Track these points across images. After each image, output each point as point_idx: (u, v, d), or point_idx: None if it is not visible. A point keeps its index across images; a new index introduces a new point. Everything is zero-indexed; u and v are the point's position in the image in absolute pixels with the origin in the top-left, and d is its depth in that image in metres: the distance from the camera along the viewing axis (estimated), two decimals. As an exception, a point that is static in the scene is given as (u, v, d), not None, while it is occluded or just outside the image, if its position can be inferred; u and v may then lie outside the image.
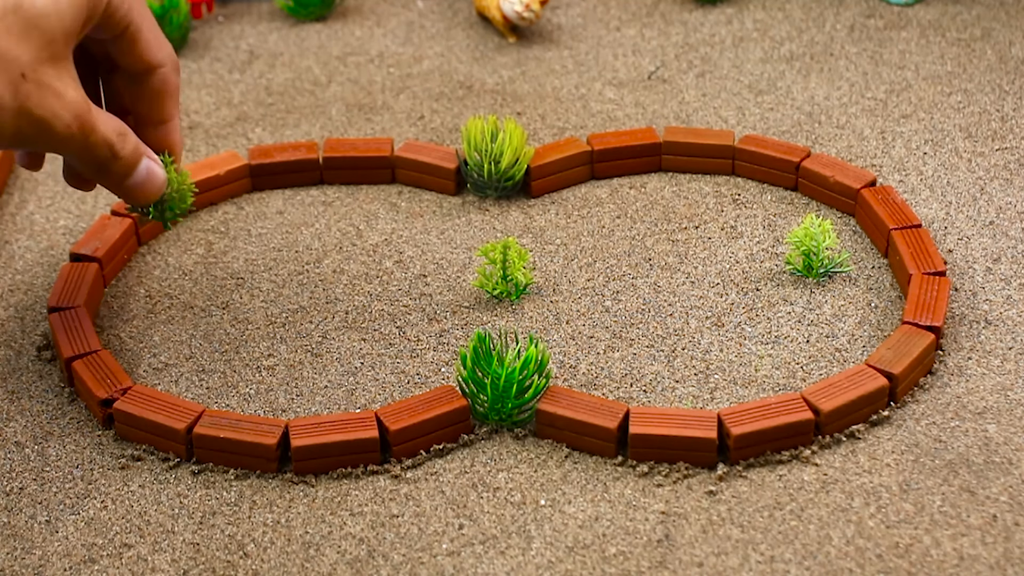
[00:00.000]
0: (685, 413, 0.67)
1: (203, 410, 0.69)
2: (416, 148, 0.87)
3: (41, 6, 0.62)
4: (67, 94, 0.63)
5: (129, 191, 0.69)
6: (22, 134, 0.63)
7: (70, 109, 0.63)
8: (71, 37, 0.64)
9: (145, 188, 0.69)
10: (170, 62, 0.70)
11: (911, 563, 0.61)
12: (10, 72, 0.61)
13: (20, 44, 0.61)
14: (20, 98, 0.62)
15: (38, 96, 0.62)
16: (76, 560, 0.63)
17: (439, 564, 0.62)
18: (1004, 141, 0.88)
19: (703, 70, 0.98)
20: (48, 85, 0.62)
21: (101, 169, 0.67)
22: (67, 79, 0.64)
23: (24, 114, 0.62)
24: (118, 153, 0.67)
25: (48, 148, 0.65)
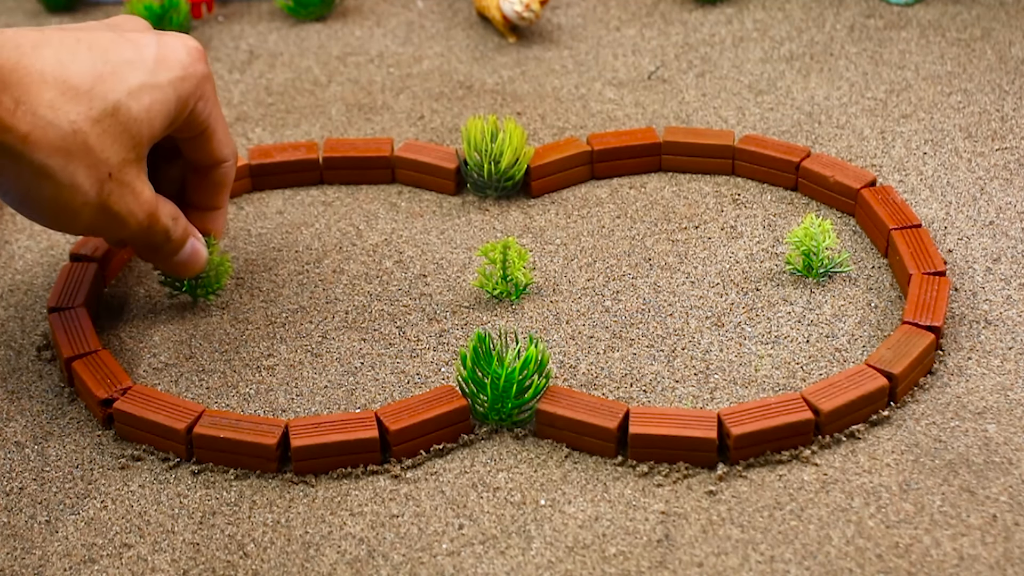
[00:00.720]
0: (685, 413, 0.67)
1: (203, 410, 0.69)
2: (416, 148, 0.87)
3: (136, 112, 0.66)
4: (143, 193, 0.68)
5: (174, 267, 0.74)
6: (96, 226, 0.68)
7: (144, 208, 0.69)
8: (155, 140, 0.68)
9: (188, 266, 0.74)
10: (233, 157, 0.75)
11: (911, 563, 0.61)
12: (99, 171, 0.65)
13: (112, 147, 0.65)
14: (103, 196, 0.66)
15: (119, 194, 0.67)
16: (76, 560, 0.63)
17: (439, 564, 0.62)
18: (1004, 141, 0.88)
19: (703, 70, 0.98)
20: (129, 184, 0.67)
21: (153, 249, 0.72)
22: (144, 177, 0.68)
23: (103, 209, 0.67)
24: (171, 236, 0.72)
25: (114, 235, 0.70)
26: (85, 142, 0.64)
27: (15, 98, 0.62)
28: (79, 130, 0.64)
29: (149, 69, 0.67)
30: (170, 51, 0.69)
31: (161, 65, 0.68)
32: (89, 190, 0.65)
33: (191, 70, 0.69)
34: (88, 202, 0.66)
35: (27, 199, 0.66)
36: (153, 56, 0.68)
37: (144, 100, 0.67)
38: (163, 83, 0.68)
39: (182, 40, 0.70)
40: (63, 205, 0.66)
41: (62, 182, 0.65)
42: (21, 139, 0.63)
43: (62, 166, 0.64)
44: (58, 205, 0.66)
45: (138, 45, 0.68)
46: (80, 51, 0.65)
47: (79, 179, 0.65)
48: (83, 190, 0.65)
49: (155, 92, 0.67)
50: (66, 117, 0.64)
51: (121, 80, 0.66)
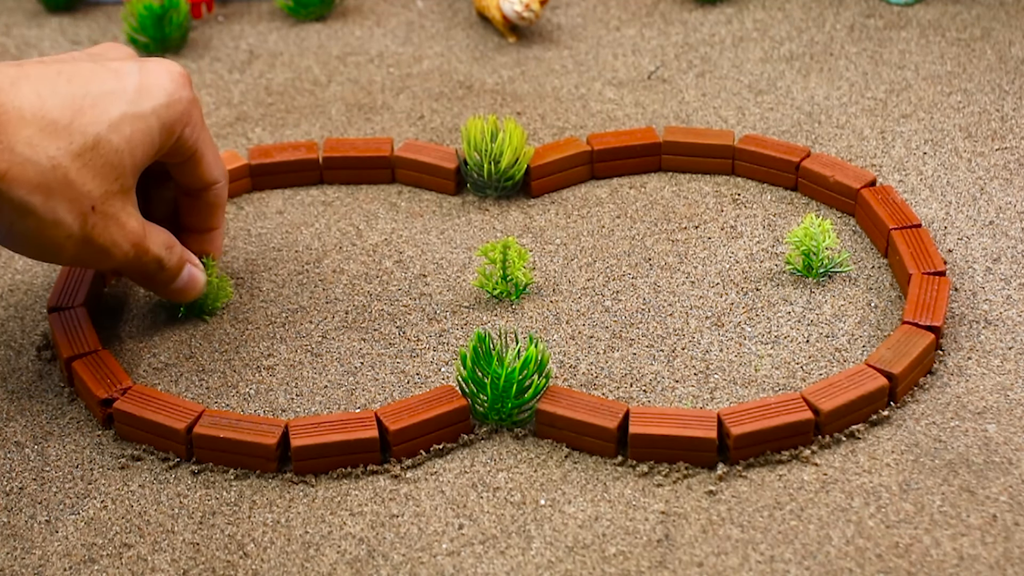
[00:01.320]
0: (685, 413, 0.67)
1: (203, 410, 0.69)
2: (416, 148, 0.87)
3: (117, 144, 0.66)
4: (129, 224, 0.68)
5: (171, 294, 0.74)
6: (81, 258, 0.68)
7: (129, 238, 0.68)
8: (139, 169, 0.68)
9: (187, 292, 0.74)
10: (224, 178, 0.74)
11: (911, 563, 0.61)
12: (82, 205, 0.65)
13: (93, 180, 0.65)
14: (87, 228, 0.66)
15: (103, 226, 0.66)
16: (76, 560, 0.63)
17: (439, 564, 0.62)
18: (1004, 141, 0.88)
19: (703, 70, 0.98)
20: (113, 216, 0.67)
21: (148, 279, 0.72)
22: (130, 208, 0.68)
23: (88, 242, 0.66)
24: (165, 265, 0.71)
25: (102, 267, 0.71)
26: (65, 177, 0.64)
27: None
28: (59, 165, 0.64)
29: (131, 99, 0.67)
30: (153, 79, 0.68)
31: (143, 94, 0.67)
32: (72, 224, 0.65)
33: (175, 96, 0.68)
34: (72, 235, 0.65)
35: (10, 234, 0.66)
36: (135, 85, 0.67)
37: (126, 131, 0.66)
38: (146, 112, 0.67)
39: (165, 66, 0.69)
40: (46, 240, 0.65)
41: (44, 218, 0.64)
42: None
43: (42, 202, 0.64)
44: (41, 240, 0.65)
45: (119, 74, 0.67)
46: (60, 84, 0.65)
47: (61, 214, 0.64)
48: (66, 224, 0.65)
49: (137, 122, 0.67)
50: (45, 153, 0.63)
51: (102, 112, 0.65)
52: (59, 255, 0.67)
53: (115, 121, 0.66)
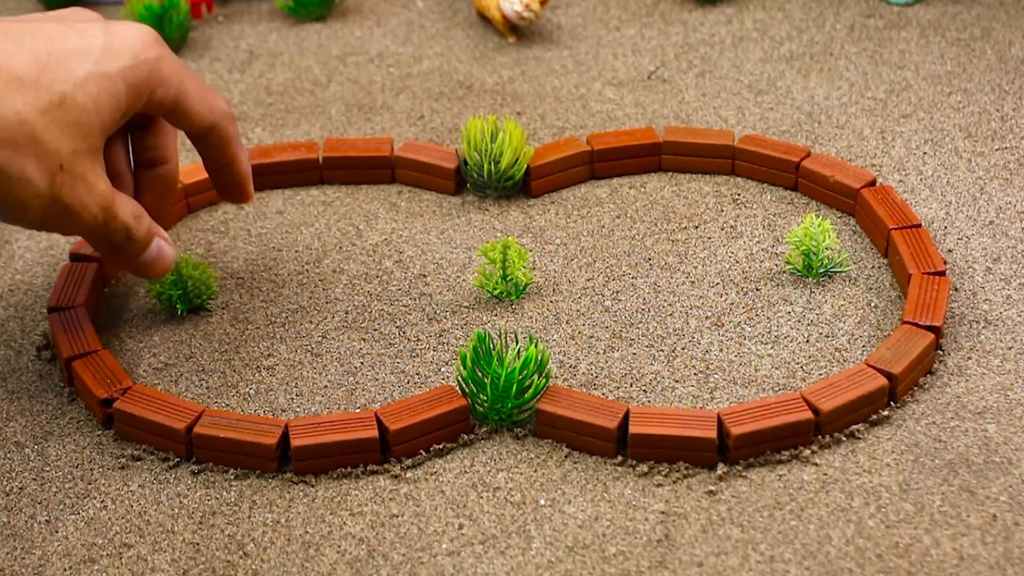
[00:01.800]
0: (685, 413, 0.67)
1: (203, 410, 0.69)
2: (416, 148, 0.87)
3: (83, 102, 0.64)
4: (97, 185, 0.66)
5: (139, 268, 0.72)
6: (49, 220, 0.66)
7: (98, 201, 0.66)
8: (107, 131, 0.66)
9: (155, 266, 0.72)
10: (224, 118, 0.72)
11: (911, 563, 0.61)
12: (49, 163, 0.64)
13: (61, 137, 0.64)
14: (55, 188, 0.64)
15: (71, 186, 0.65)
16: (76, 560, 0.63)
17: (439, 564, 0.62)
18: (1004, 141, 0.88)
19: (703, 70, 0.98)
20: (82, 177, 0.65)
21: (115, 249, 0.70)
22: (99, 170, 0.67)
23: (55, 203, 0.65)
24: (133, 235, 0.69)
25: (69, 232, 0.68)
26: (32, 133, 0.63)
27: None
28: (25, 121, 0.63)
29: (96, 59, 0.66)
30: (119, 39, 0.67)
31: (109, 54, 0.66)
32: (40, 183, 0.64)
33: (142, 57, 0.67)
34: (39, 195, 0.64)
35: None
36: (101, 45, 0.66)
37: (92, 90, 0.65)
38: (112, 73, 0.66)
39: (132, 28, 0.68)
40: (13, 198, 0.64)
41: (11, 175, 0.63)
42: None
43: (9, 158, 0.63)
44: (9, 198, 0.64)
45: (85, 35, 0.66)
46: (25, 41, 0.64)
47: (28, 171, 0.63)
48: (33, 183, 0.64)
49: (103, 82, 0.65)
50: (11, 108, 0.62)
51: (68, 70, 0.64)
52: (26, 215, 0.65)
53: (81, 80, 0.64)
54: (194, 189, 0.85)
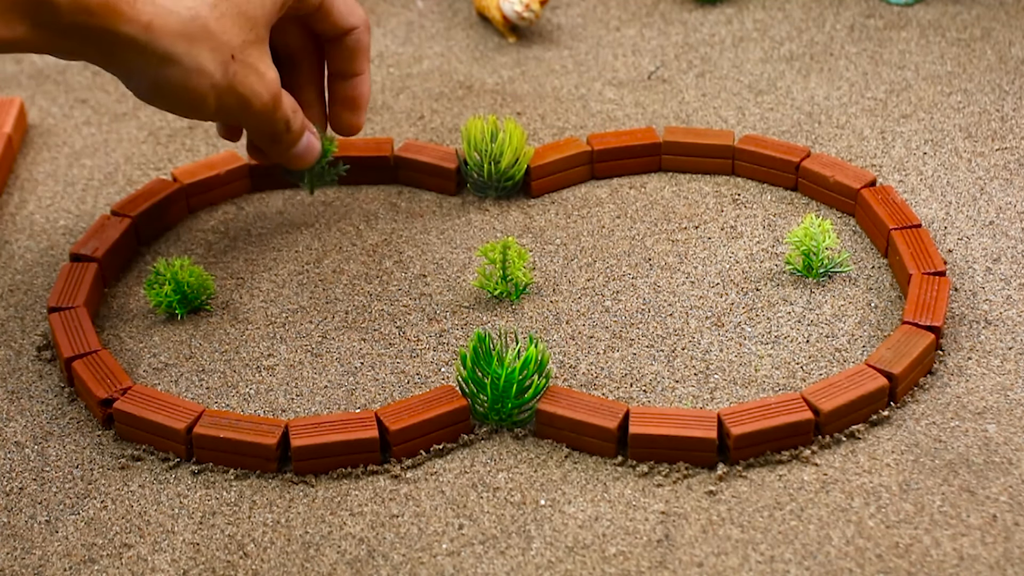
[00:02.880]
0: (685, 413, 0.67)
1: (203, 410, 0.69)
2: (416, 148, 0.87)
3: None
4: (267, 73, 0.71)
5: (291, 159, 0.77)
6: (224, 108, 0.70)
7: (268, 87, 0.71)
8: (271, 20, 0.71)
9: (304, 158, 0.77)
10: (362, 23, 0.77)
11: (911, 563, 0.61)
12: (223, 53, 0.68)
13: (231, 29, 0.68)
14: (228, 77, 0.68)
15: (243, 75, 0.69)
16: (76, 560, 0.63)
17: (439, 564, 0.62)
18: (1004, 141, 0.88)
19: (703, 70, 0.98)
20: (252, 65, 0.70)
21: (274, 139, 0.74)
22: (266, 59, 0.71)
23: (230, 91, 0.69)
24: (291, 127, 0.74)
25: (239, 120, 0.72)
26: (205, 26, 0.67)
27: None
28: (198, 15, 0.66)
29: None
30: None
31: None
32: (215, 72, 0.68)
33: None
34: (215, 84, 0.68)
35: (156, 88, 0.68)
36: None
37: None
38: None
39: None
40: (191, 89, 0.68)
41: (188, 67, 0.67)
42: (144, 28, 0.65)
43: (186, 50, 0.66)
44: (187, 90, 0.68)
45: None
46: None
47: (204, 62, 0.67)
48: (208, 72, 0.67)
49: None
50: (184, 4, 0.66)
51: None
52: (203, 106, 0.69)
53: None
54: (194, 189, 0.85)
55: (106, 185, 0.89)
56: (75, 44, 0.65)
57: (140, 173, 0.90)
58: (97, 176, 0.90)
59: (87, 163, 0.91)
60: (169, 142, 0.92)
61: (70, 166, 0.91)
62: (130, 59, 0.66)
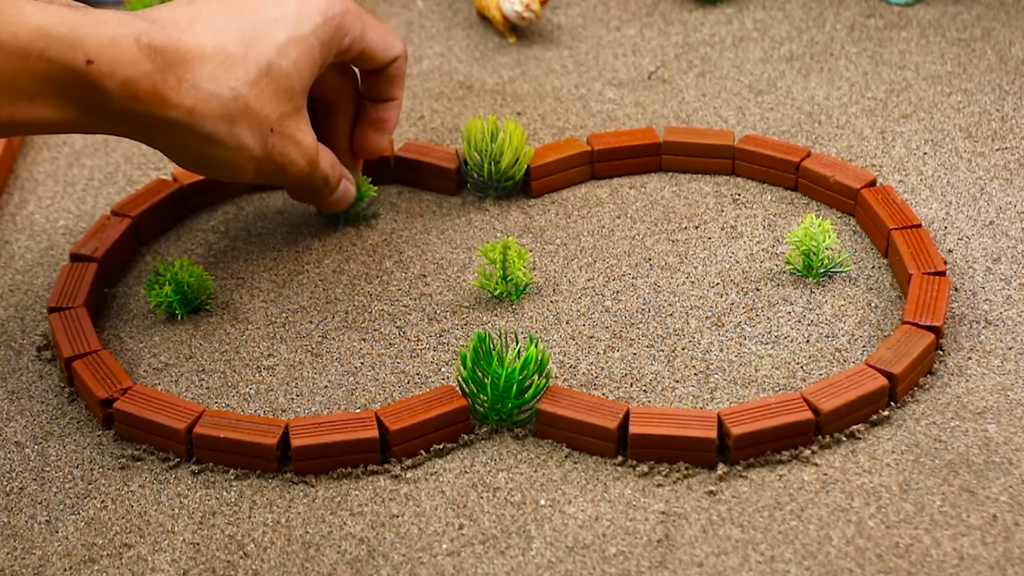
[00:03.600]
0: (685, 413, 0.67)
1: (203, 410, 0.69)
2: (416, 148, 0.87)
3: (286, 67, 0.70)
4: (304, 141, 0.73)
5: (329, 205, 0.80)
6: (263, 175, 0.73)
7: (305, 155, 0.74)
8: (307, 88, 0.73)
9: (341, 203, 0.80)
10: (400, 56, 0.78)
11: (911, 563, 0.61)
12: (262, 129, 0.70)
13: (270, 104, 0.70)
14: (267, 149, 0.71)
15: (281, 146, 0.72)
16: (76, 560, 0.63)
17: (439, 564, 0.62)
18: (1004, 141, 0.88)
19: (703, 70, 0.98)
20: (290, 136, 0.72)
21: (312, 193, 0.78)
22: (304, 125, 0.73)
23: (269, 161, 0.72)
24: (329, 181, 0.77)
25: (277, 184, 0.77)
26: (246, 105, 0.69)
27: (178, 76, 0.66)
28: (239, 96, 0.68)
29: (293, 23, 0.71)
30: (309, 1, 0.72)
31: (303, 16, 0.71)
32: (254, 147, 0.70)
33: (330, 14, 0.72)
34: (255, 157, 0.71)
35: (200, 164, 0.71)
36: (295, 10, 0.71)
37: (292, 54, 0.70)
38: (307, 34, 0.71)
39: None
40: (232, 164, 0.71)
41: (230, 145, 0.69)
42: (188, 113, 0.67)
43: (227, 131, 0.69)
44: (228, 164, 0.71)
45: (280, 2, 0.71)
46: (230, 18, 0.69)
47: (244, 139, 0.69)
48: (248, 148, 0.70)
49: (300, 44, 0.71)
50: (226, 85, 0.68)
51: (270, 40, 0.70)
52: (242, 175, 0.72)
53: (282, 46, 0.70)
54: (194, 189, 0.85)
55: (106, 185, 0.89)
56: (122, 127, 0.68)
57: (140, 173, 0.90)
58: (97, 176, 0.90)
59: (87, 163, 0.91)
60: (169, 142, 0.92)
61: (70, 166, 0.91)
62: (175, 140, 0.69)
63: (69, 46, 0.63)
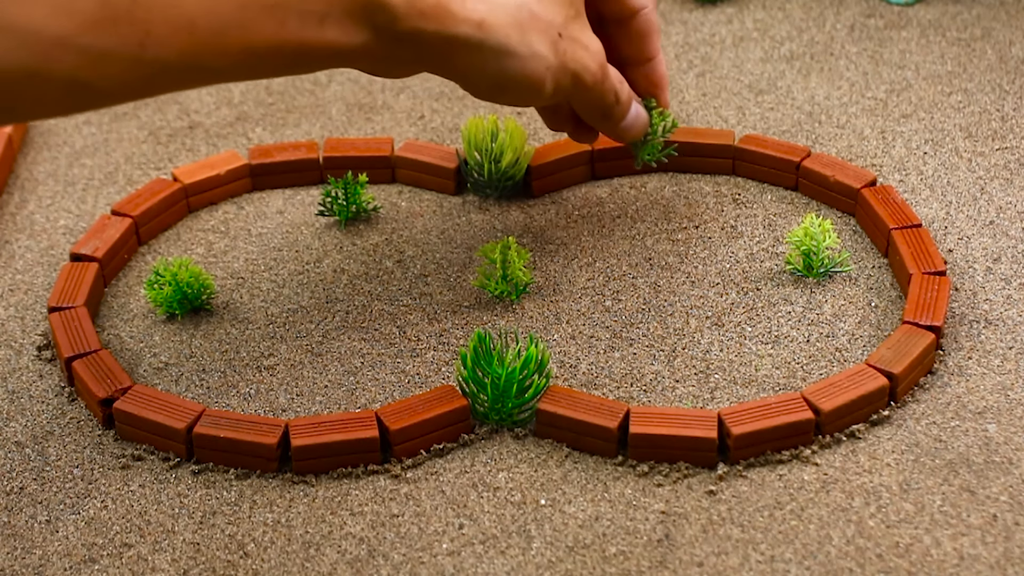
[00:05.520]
0: (685, 413, 0.67)
1: (203, 410, 0.69)
2: (416, 148, 0.87)
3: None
4: (592, 44, 0.72)
5: (622, 131, 0.77)
6: (560, 89, 0.71)
7: (595, 58, 0.72)
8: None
9: (635, 128, 0.78)
10: (651, 3, 0.77)
11: (911, 563, 0.61)
12: (550, 34, 0.69)
13: (553, 8, 0.69)
14: (559, 55, 0.69)
15: (572, 50, 0.70)
16: (76, 560, 0.63)
17: (439, 564, 0.62)
18: (1004, 141, 0.88)
19: (703, 70, 0.98)
20: (577, 39, 0.70)
21: (605, 114, 0.75)
22: (588, 30, 0.72)
23: (563, 69, 0.70)
24: (619, 98, 0.75)
25: (571, 98, 0.73)
26: (531, 11, 0.68)
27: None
28: (523, 3, 0.67)
29: None
30: None
31: None
32: (548, 54, 0.68)
33: None
34: (550, 66, 0.69)
35: (496, 83, 0.69)
36: None
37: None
38: None
39: None
40: (530, 75, 0.68)
41: (524, 54, 0.68)
42: (477, 26, 0.66)
43: (519, 39, 0.67)
44: (526, 77, 0.68)
45: None
46: None
47: (536, 46, 0.68)
48: (542, 55, 0.68)
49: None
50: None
51: None
52: (541, 91, 0.70)
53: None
54: (194, 189, 0.85)
55: (106, 185, 0.89)
56: (411, 52, 0.65)
57: (140, 173, 0.90)
58: (97, 176, 0.90)
59: (87, 163, 0.91)
60: (169, 142, 0.92)
61: (70, 166, 0.91)
62: (467, 59, 0.67)
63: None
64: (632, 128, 0.77)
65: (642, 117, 0.78)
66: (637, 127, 0.78)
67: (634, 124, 0.77)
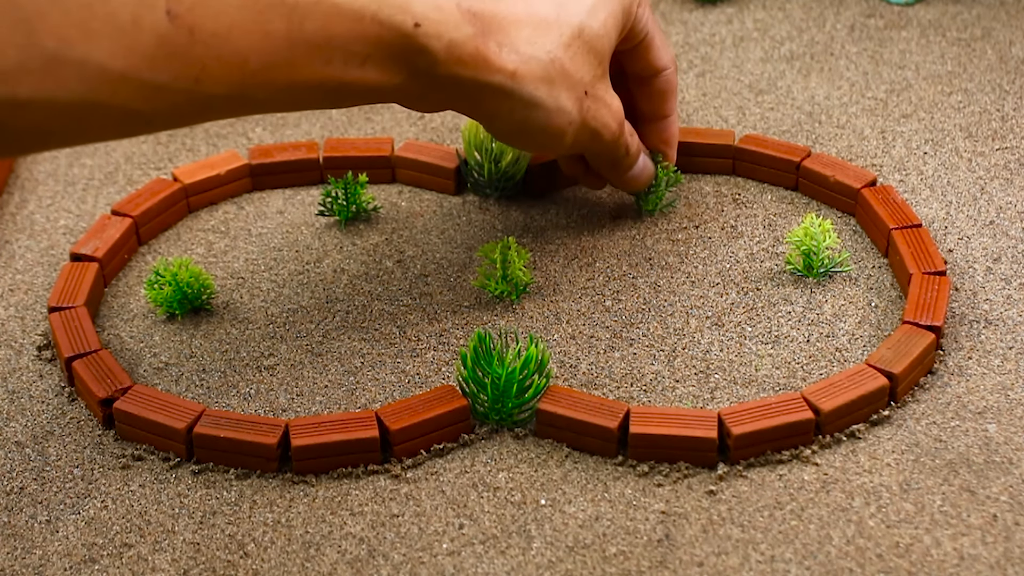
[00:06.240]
0: (685, 413, 0.67)
1: (203, 410, 0.69)
2: (416, 148, 0.87)
3: (596, 29, 0.71)
4: (613, 104, 0.74)
5: (628, 181, 0.80)
6: (578, 143, 0.73)
7: (615, 116, 0.74)
8: (610, 53, 0.73)
9: (640, 179, 0.80)
10: (673, 64, 0.79)
11: (911, 563, 0.61)
12: (577, 91, 0.71)
13: (583, 66, 0.71)
14: (583, 112, 0.72)
15: (595, 109, 0.73)
16: (76, 560, 0.63)
17: (439, 564, 0.62)
18: (1004, 141, 0.88)
19: (703, 70, 0.98)
20: (601, 98, 0.73)
21: (615, 164, 0.78)
22: (610, 89, 0.74)
23: (584, 126, 0.72)
24: (629, 150, 0.77)
25: (587, 151, 0.76)
26: (562, 67, 0.70)
27: (498, 41, 0.68)
28: (556, 58, 0.69)
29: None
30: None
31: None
32: (572, 110, 0.71)
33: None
34: (572, 121, 0.71)
35: (520, 131, 0.71)
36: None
37: (600, 16, 0.71)
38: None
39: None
40: (553, 127, 0.71)
41: (550, 108, 0.70)
42: (510, 76, 0.68)
43: (548, 93, 0.69)
44: (548, 130, 0.71)
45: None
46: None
47: (563, 102, 0.70)
48: (567, 111, 0.71)
49: (607, 6, 0.72)
50: (543, 48, 0.69)
51: (579, 3, 0.71)
52: (561, 142, 0.72)
53: (591, 8, 0.71)
54: (194, 189, 0.85)
55: (106, 185, 0.89)
56: (445, 95, 0.68)
57: (140, 173, 0.90)
58: (97, 176, 0.90)
59: (87, 163, 0.91)
60: (169, 142, 0.92)
61: (70, 166, 0.91)
62: (496, 105, 0.69)
63: (399, 9, 0.63)
64: (637, 179, 0.80)
65: (648, 169, 0.80)
66: (643, 179, 0.80)
67: (640, 176, 0.80)
